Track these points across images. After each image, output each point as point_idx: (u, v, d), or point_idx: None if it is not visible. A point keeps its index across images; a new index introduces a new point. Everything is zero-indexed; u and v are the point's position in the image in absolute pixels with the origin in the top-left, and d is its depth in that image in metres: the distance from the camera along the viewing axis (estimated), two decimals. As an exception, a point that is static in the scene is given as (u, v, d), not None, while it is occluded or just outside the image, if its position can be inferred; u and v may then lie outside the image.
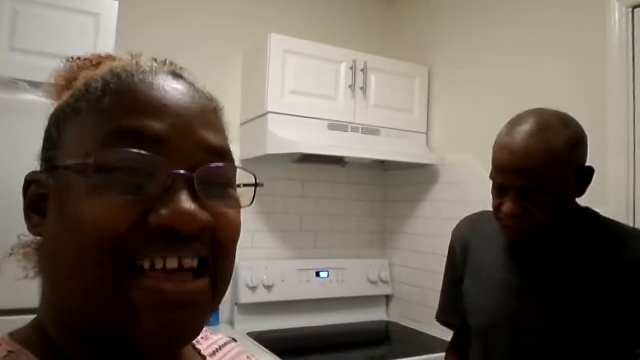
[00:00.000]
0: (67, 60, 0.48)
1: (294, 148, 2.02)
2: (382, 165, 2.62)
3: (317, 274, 2.38)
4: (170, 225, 0.37)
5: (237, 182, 0.46)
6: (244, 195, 0.46)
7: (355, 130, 2.25)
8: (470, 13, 2.27)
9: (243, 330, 2.16)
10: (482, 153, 2.14)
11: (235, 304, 2.22)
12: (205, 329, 0.61)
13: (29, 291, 0.50)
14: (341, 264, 2.46)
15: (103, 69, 0.45)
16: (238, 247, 0.45)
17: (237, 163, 0.46)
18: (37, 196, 0.43)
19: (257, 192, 0.47)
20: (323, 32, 2.53)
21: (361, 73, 2.27)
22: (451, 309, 1.25)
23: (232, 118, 2.27)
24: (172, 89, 0.42)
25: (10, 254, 0.47)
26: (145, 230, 0.37)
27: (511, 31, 2.07)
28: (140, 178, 0.38)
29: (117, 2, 1.73)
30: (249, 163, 2.29)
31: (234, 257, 0.45)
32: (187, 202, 0.38)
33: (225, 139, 0.46)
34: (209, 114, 0.44)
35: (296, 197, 2.46)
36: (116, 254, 0.37)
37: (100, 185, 0.37)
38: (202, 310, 0.41)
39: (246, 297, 2.20)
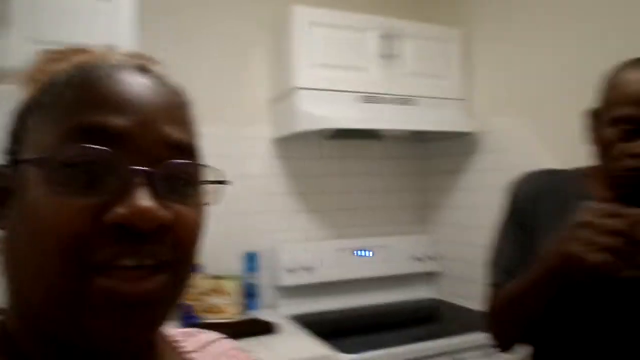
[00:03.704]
0: (39, 53, 0.46)
1: (325, 123, 1.94)
2: (421, 137, 2.49)
3: (359, 253, 2.31)
4: (125, 223, 0.36)
5: (206, 179, 0.44)
6: (214, 192, 0.45)
7: (389, 101, 2.14)
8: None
9: (286, 313, 2.12)
10: (533, 115, 1.98)
11: (276, 287, 2.18)
12: (195, 329, 0.56)
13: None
14: (383, 242, 2.37)
15: (69, 63, 0.43)
16: (275, 229, 0.41)
17: (268, 143, 0.40)
18: (1, 189, 0.42)
19: (290, 172, 0.43)
20: None
21: (392, 40, 2.14)
22: (520, 261, 1.04)
23: (259, 96, 2.24)
24: (136, 83, 0.41)
25: None
26: (103, 228, 0.36)
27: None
28: (100, 175, 0.37)
29: (132, -15, 1.68)
30: (280, 142, 2.23)
31: (193, 258, 0.43)
32: (144, 199, 0.36)
33: (192, 135, 0.44)
34: (174, 109, 0.43)
35: (332, 175, 2.38)
36: (75, 253, 0.36)
37: (58, 182, 0.36)
38: (161, 306, 0.40)
39: (286, 279, 2.15)
